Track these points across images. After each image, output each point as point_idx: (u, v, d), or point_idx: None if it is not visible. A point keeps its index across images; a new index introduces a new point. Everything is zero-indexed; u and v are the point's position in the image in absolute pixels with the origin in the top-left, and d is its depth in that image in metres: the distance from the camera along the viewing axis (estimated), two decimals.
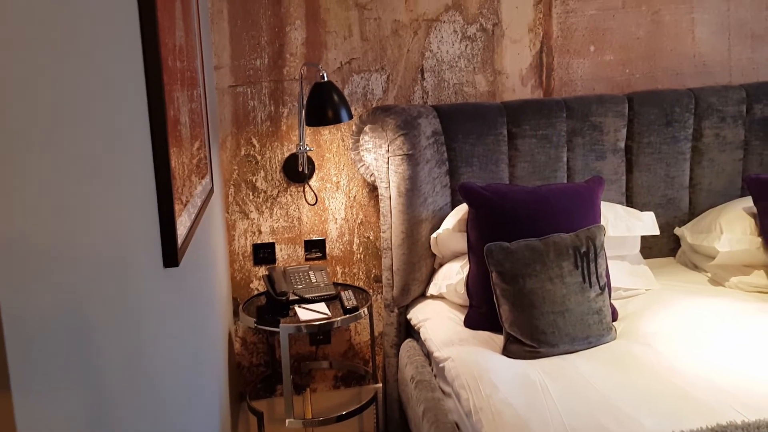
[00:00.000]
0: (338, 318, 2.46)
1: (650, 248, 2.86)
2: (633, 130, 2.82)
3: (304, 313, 2.48)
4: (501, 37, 2.84)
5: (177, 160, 1.51)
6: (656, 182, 2.85)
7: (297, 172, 2.74)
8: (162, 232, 1.40)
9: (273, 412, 2.88)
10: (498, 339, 2.23)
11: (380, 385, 2.75)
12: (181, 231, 1.50)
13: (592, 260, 2.21)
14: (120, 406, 1.05)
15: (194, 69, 1.93)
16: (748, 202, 2.65)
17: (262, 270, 2.80)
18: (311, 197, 2.78)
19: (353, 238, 2.85)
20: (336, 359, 2.93)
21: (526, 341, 2.11)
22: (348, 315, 2.48)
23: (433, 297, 2.65)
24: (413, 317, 2.63)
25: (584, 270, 2.19)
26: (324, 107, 2.48)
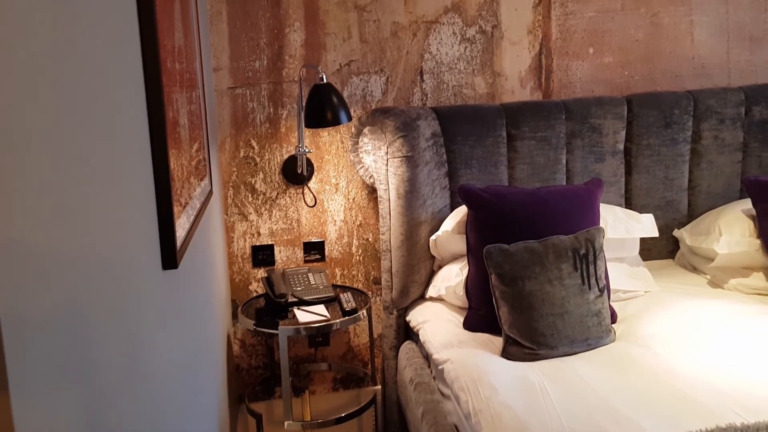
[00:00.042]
0: (337, 320, 2.46)
1: (649, 250, 2.85)
2: (632, 132, 2.82)
3: (303, 315, 2.47)
4: (500, 39, 2.84)
5: (176, 162, 1.51)
6: (655, 184, 2.85)
7: (296, 174, 2.74)
8: (161, 234, 1.39)
9: (272, 415, 2.87)
10: (497, 341, 2.23)
11: (379, 387, 2.74)
12: (180, 233, 1.50)
13: (592, 262, 2.21)
14: (118, 408, 1.05)
15: (193, 71, 1.93)
16: (747, 204, 2.65)
17: (261, 272, 2.80)
18: (310, 199, 2.78)
19: (352, 240, 2.85)
20: (335, 361, 2.92)
21: (526, 343, 2.11)
22: (347, 317, 2.48)
23: (432, 299, 2.65)
24: (412, 319, 2.63)
25: (583, 272, 2.19)
26: (323, 109, 2.48)
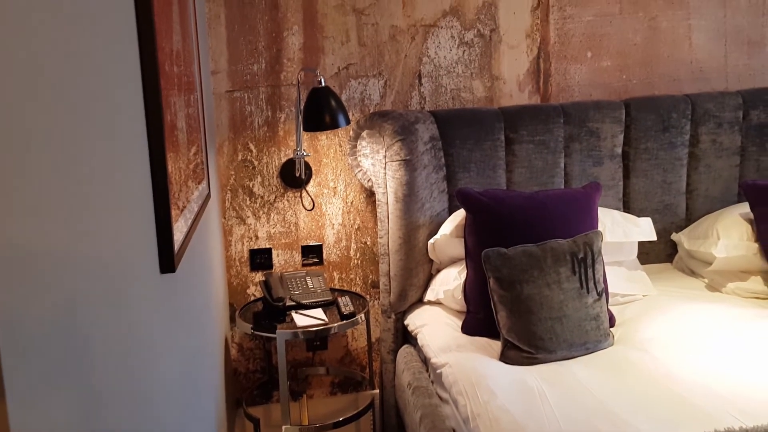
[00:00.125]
0: (335, 324, 2.46)
1: (647, 254, 2.86)
2: (630, 136, 2.82)
3: (301, 319, 2.47)
4: (498, 43, 2.84)
5: (174, 166, 1.50)
6: (653, 188, 2.86)
7: (294, 178, 2.73)
8: (158, 238, 1.39)
9: (269, 419, 2.87)
10: (495, 345, 2.23)
11: (377, 392, 2.74)
12: (178, 237, 1.50)
13: (590, 266, 2.21)
14: (115, 413, 1.04)
15: (191, 74, 1.93)
16: (745, 208, 2.66)
17: (259, 276, 2.80)
18: (308, 203, 2.78)
19: (350, 244, 2.85)
20: (333, 365, 2.92)
21: (524, 347, 2.11)
22: (345, 321, 2.48)
23: (431, 303, 2.65)
24: (410, 323, 2.62)
25: (582, 276, 2.19)
26: (321, 112, 2.48)
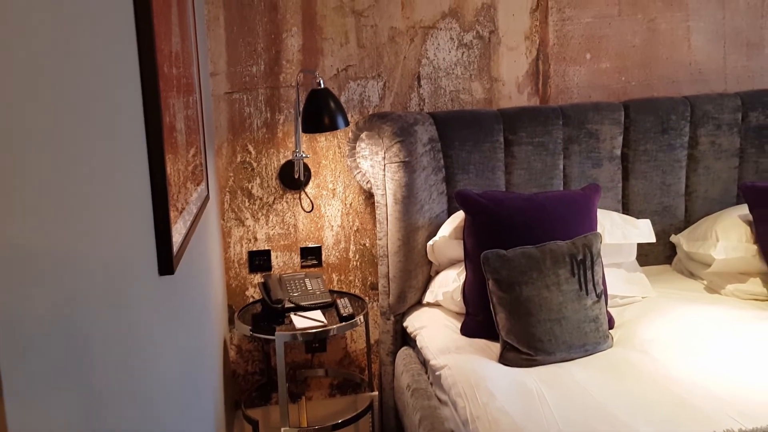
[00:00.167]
0: (334, 326, 2.46)
1: (646, 256, 2.86)
2: (629, 138, 2.82)
3: (300, 321, 2.47)
4: (497, 45, 2.84)
5: (173, 167, 1.50)
6: (652, 190, 2.86)
7: (293, 179, 2.73)
8: (157, 240, 1.39)
9: (268, 421, 2.86)
10: (495, 347, 2.22)
11: (376, 394, 2.74)
12: (177, 238, 1.50)
13: (589, 268, 2.21)
14: (114, 414, 1.04)
15: (190, 75, 1.92)
16: (744, 210, 2.66)
17: (258, 277, 2.79)
18: (307, 204, 2.78)
19: (349, 246, 2.85)
20: (332, 367, 2.91)
21: (523, 349, 2.11)
22: (344, 323, 2.47)
23: (430, 305, 2.64)
24: (409, 325, 2.62)
25: (581, 277, 2.19)
26: (320, 114, 2.48)
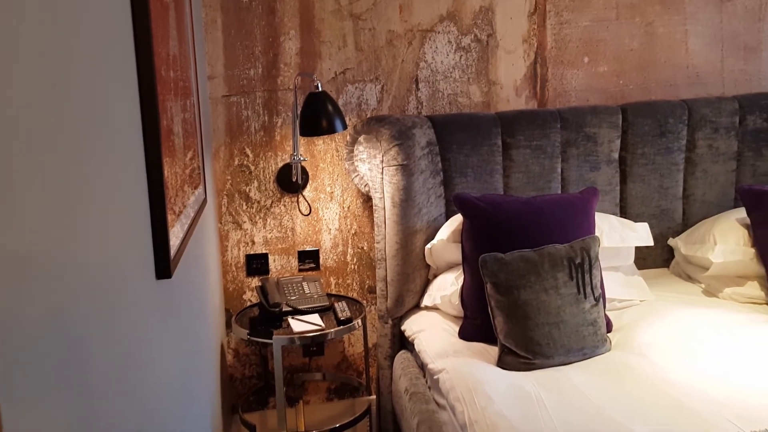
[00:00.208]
0: (332, 329, 2.45)
1: (644, 259, 2.86)
2: (627, 141, 2.83)
3: (298, 325, 2.46)
4: (495, 48, 2.84)
5: (170, 170, 1.50)
6: (650, 193, 2.86)
7: (291, 183, 2.73)
8: (154, 243, 1.38)
9: (266, 425, 2.86)
10: (493, 350, 2.22)
11: (374, 397, 2.73)
12: (174, 242, 1.49)
13: (587, 271, 2.21)
14: (109, 418, 1.04)
15: (188, 79, 1.92)
16: (742, 213, 2.66)
17: (255, 281, 2.79)
18: (305, 207, 2.77)
19: (347, 249, 2.84)
20: (329, 371, 2.91)
21: (521, 353, 2.11)
22: (342, 326, 2.47)
23: (428, 308, 2.64)
24: (407, 328, 2.62)
25: (579, 281, 2.19)
26: (318, 117, 2.48)
